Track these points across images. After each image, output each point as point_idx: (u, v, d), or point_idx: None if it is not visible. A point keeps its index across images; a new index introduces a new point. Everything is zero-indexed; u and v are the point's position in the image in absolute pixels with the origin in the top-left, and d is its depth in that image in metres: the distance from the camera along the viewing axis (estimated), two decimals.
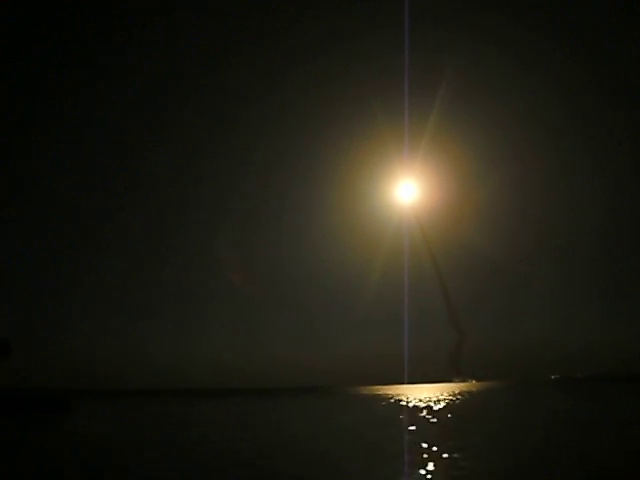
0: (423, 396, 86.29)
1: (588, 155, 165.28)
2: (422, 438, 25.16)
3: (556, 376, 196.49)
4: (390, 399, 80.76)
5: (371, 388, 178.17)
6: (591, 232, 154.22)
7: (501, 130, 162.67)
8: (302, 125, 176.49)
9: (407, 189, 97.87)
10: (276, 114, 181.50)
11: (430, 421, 36.44)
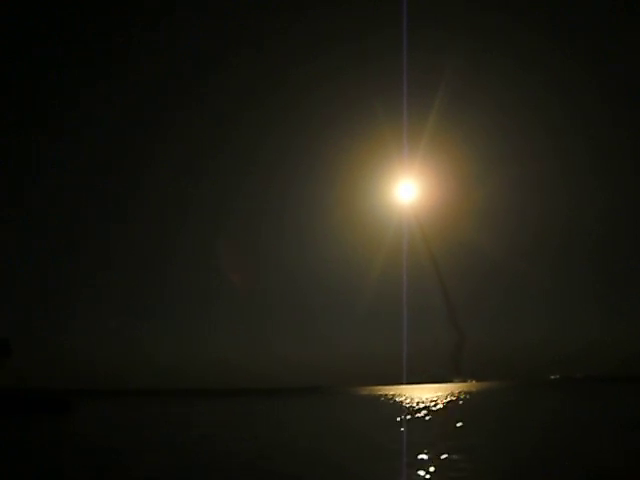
0: (423, 396, 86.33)
1: (587, 155, 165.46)
2: (421, 438, 25.23)
3: (556, 376, 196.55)
4: (390, 399, 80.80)
5: (371, 388, 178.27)
6: (590, 232, 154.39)
7: (500, 130, 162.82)
8: (303, 125, 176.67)
9: (407, 189, 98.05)
10: (276, 114, 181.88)
11: (429, 421, 36.50)
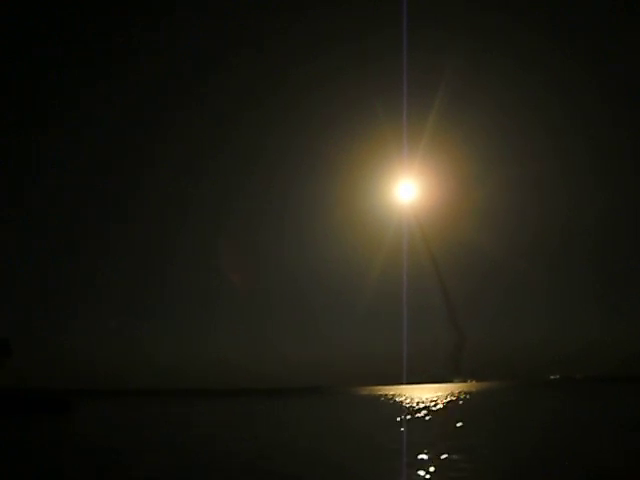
0: (423, 396, 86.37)
1: (587, 155, 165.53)
2: (421, 438, 25.26)
3: (555, 376, 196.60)
4: (390, 399, 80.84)
5: (371, 388, 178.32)
6: (590, 232, 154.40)
7: (500, 130, 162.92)
8: (303, 125, 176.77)
9: (407, 188, 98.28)
10: (277, 114, 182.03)
11: (429, 421, 36.53)
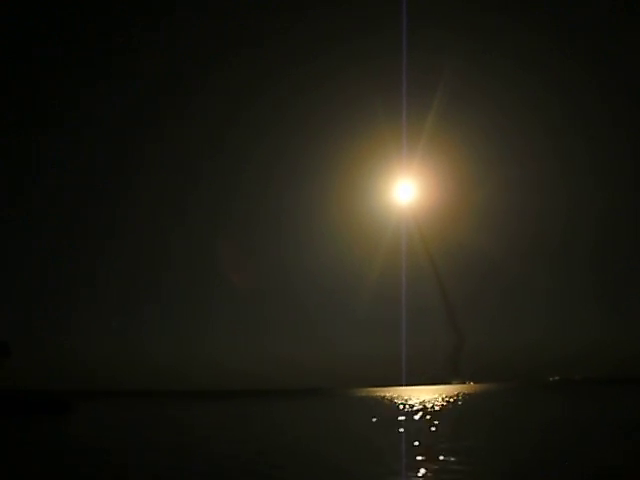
0: (421, 398, 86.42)
1: (587, 155, 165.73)
2: (420, 440, 25.36)
3: (554, 378, 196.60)
4: (388, 401, 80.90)
5: (370, 390, 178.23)
6: (589, 232, 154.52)
7: (499, 130, 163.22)
8: (301, 125, 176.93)
9: (405, 189, 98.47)
10: (275, 114, 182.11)
11: (428, 423, 36.60)
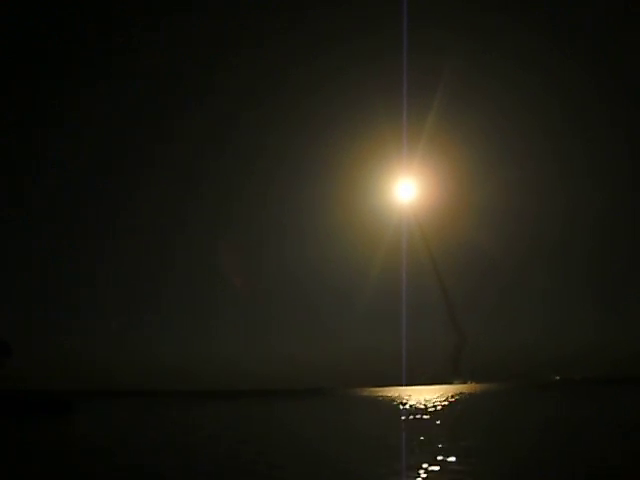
0: (422, 398, 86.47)
1: (585, 156, 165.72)
2: (420, 440, 25.42)
3: (555, 378, 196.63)
4: (389, 401, 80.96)
5: (371, 390, 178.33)
6: (587, 233, 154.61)
7: (499, 130, 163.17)
8: (303, 125, 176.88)
9: (406, 188, 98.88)
10: (276, 115, 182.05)
11: (428, 423, 36.65)
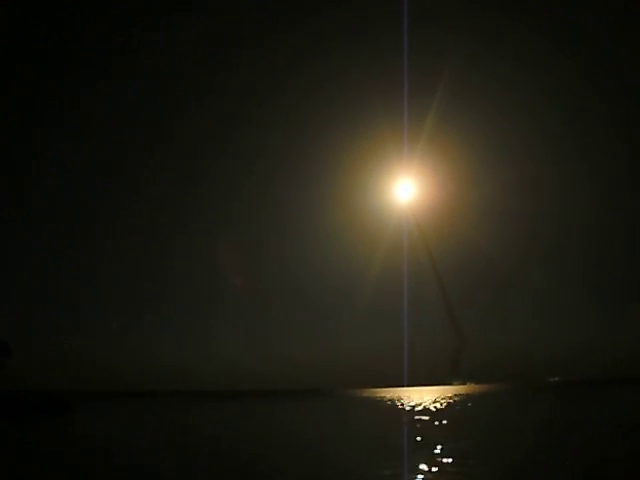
0: (422, 399, 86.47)
1: (586, 155, 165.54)
2: (420, 441, 25.41)
3: (554, 379, 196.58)
4: (389, 402, 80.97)
5: (371, 390, 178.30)
6: (585, 233, 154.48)
7: (499, 131, 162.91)
8: (303, 125, 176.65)
9: (406, 188, 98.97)
10: (276, 115, 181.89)
11: (428, 424, 36.65)
